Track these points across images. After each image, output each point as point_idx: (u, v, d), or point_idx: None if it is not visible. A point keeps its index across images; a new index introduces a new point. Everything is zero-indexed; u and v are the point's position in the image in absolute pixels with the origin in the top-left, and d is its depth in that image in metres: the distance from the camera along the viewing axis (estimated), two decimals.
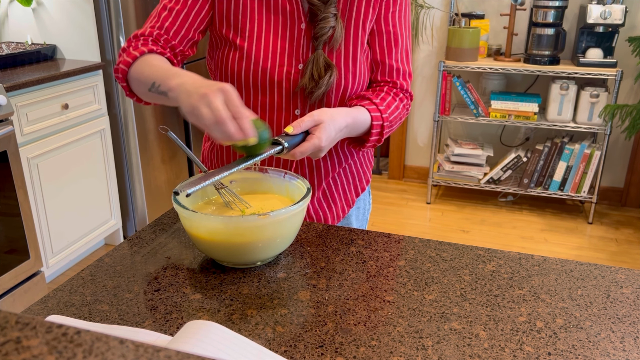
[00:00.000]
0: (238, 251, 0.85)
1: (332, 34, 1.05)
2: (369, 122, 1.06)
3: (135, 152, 2.76)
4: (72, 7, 2.57)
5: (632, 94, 3.29)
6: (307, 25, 1.06)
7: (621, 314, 0.78)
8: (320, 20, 1.04)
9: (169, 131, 0.99)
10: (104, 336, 0.35)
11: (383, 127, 1.08)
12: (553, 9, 3.00)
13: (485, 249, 0.96)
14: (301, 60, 1.07)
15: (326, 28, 1.04)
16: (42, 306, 0.79)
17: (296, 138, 0.94)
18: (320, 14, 1.04)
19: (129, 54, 1.02)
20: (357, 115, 1.04)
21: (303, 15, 1.06)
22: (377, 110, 1.07)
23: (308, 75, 1.05)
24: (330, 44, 1.06)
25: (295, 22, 1.06)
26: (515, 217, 3.29)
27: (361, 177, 1.24)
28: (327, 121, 0.96)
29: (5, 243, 2.14)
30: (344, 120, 1.00)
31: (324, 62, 1.05)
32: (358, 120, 1.04)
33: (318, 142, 0.94)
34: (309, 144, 0.94)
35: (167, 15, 1.05)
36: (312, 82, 1.05)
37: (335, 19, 1.05)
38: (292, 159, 0.95)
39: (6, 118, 2.09)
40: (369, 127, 1.07)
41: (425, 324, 0.75)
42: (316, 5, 1.04)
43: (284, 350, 0.69)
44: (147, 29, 1.06)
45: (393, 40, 1.12)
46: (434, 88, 3.57)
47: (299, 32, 1.06)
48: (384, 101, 1.10)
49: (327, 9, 1.04)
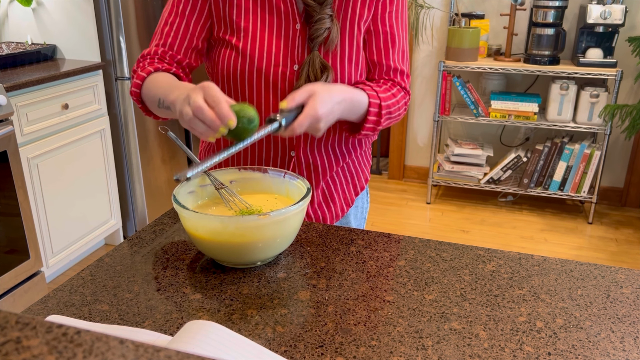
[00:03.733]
0: (238, 251, 0.85)
1: (328, 35, 1.05)
2: (367, 102, 1.05)
3: (135, 152, 2.76)
4: (72, 7, 2.57)
5: (632, 94, 3.29)
6: (302, 26, 1.07)
7: (621, 314, 0.78)
8: (316, 22, 1.04)
9: (168, 131, 0.99)
10: (104, 336, 0.35)
11: (381, 108, 1.07)
12: (553, 9, 3.00)
13: (485, 249, 0.96)
14: (296, 61, 1.07)
15: (322, 29, 1.04)
16: (42, 306, 0.79)
17: (292, 114, 0.93)
18: (315, 15, 1.04)
19: (138, 75, 1.07)
20: (355, 92, 1.04)
21: (298, 16, 1.06)
22: (373, 90, 1.07)
23: (304, 76, 1.05)
24: (326, 46, 1.06)
25: (290, 22, 1.06)
26: (515, 217, 3.29)
27: (360, 176, 1.24)
28: (321, 91, 0.95)
29: (5, 243, 2.14)
30: (340, 93, 0.99)
31: (319, 64, 1.06)
32: (355, 97, 1.03)
33: (313, 111, 0.92)
34: (304, 115, 0.92)
35: (168, 30, 1.09)
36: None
37: (331, 20, 1.05)
38: (292, 134, 0.93)
39: (6, 118, 2.09)
40: (366, 109, 1.06)
41: (425, 324, 0.75)
42: (311, 7, 1.04)
43: (284, 350, 0.70)
44: (152, 48, 1.11)
45: (390, 40, 1.11)
46: (434, 88, 3.57)
47: (294, 33, 1.06)
48: (380, 88, 1.10)
49: (323, 10, 1.04)
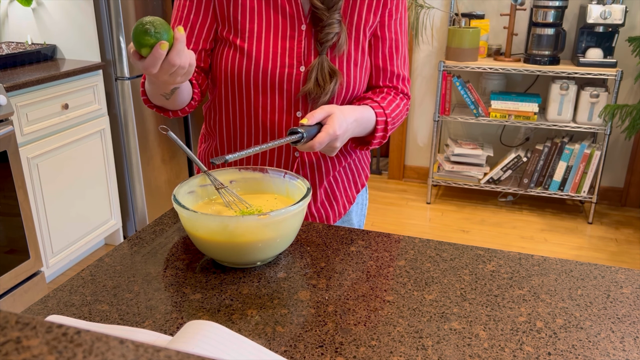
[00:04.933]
0: (238, 251, 0.85)
1: (337, 40, 1.06)
2: (374, 119, 1.09)
3: (135, 152, 2.76)
4: (72, 7, 2.57)
5: (632, 94, 3.29)
6: (307, 27, 1.07)
7: (621, 314, 0.78)
8: (326, 26, 1.04)
9: (168, 131, 0.99)
10: (104, 336, 0.35)
11: (387, 124, 1.11)
12: (553, 9, 3.00)
13: (485, 249, 0.96)
14: (302, 62, 1.07)
15: (332, 34, 1.05)
16: (42, 306, 0.79)
17: (313, 130, 0.98)
18: (325, 19, 1.04)
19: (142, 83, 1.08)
20: (363, 111, 1.08)
21: (303, 17, 1.06)
22: (380, 106, 1.11)
23: (313, 80, 1.06)
24: (334, 50, 1.07)
25: (296, 23, 1.06)
26: (515, 217, 3.29)
27: (360, 174, 1.26)
28: (337, 112, 1.00)
29: (5, 243, 2.14)
30: (352, 114, 1.04)
31: (328, 69, 1.06)
32: (364, 116, 1.07)
33: (333, 131, 0.97)
34: (325, 133, 0.97)
35: None
36: (317, 88, 1.06)
37: (339, 25, 1.05)
38: (311, 150, 0.98)
39: (6, 118, 2.09)
40: (374, 126, 1.10)
41: (425, 324, 0.75)
42: (320, 10, 1.04)
43: (284, 350, 0.70)
44: None
45: (394, 46, 1.14)
46: (434, 88, 3.57)
47: (300, 34, 1.06)
48: (384, 100, 1.13)
49: (332, 14, 1.04)
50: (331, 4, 1.04)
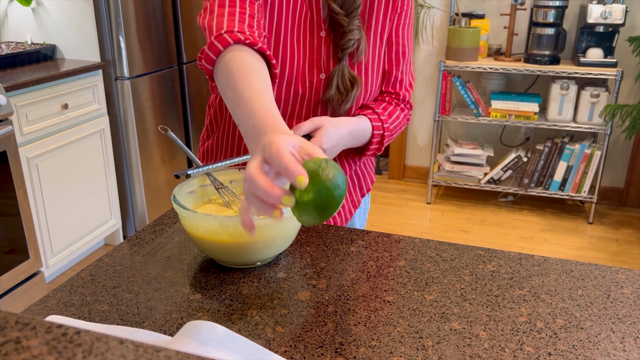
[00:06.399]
0: (238, 251, 0.85)
1: (358, 46, 1.05)
2: (370, 130, 1.07)
3: (135, 152, 2.76)
4: (72, 7, 2.57)
5: (633, 94, 3.29)
6: (326, 33, 1.05)
7: (621, 314, 0.78)
8: (347, 32, 1.03)
9: (168, 131, 0.99)
10: (104, 336, 0.35)
11: (383, 137, 1.09)
12: (553, 8, 3.00)
13: (485, 249, 0.96)
14: (322, 70, 1.05)
15: (352, 40, 1.03)
16: (42, 306, 0.79)
17: None
18: (346, 25, 1.02)
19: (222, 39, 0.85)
20: (358, 122, 1.05)
21: (322, 23, 1.04)
22: (379, 119, 1.08)
23: (334, 87, 1.04)
24: (355, 57, 1.05)
25: (315, 30, 1.04)
26: (515, 217, 3.29)
27: (366, 178, 1.25)
28: (328, 125, 0.96)
29: (5, 243, 2.14)
30: (345, 127, 1.00)
31: (349, 75, 1.05)
32: (359, 127, 1.05)
33: (319, 144, 0.93)
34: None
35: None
36: (339, 95, 1.05)
37: (359, 32, 1.04)
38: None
39: (6, 118, 2.09)
40: (369, 138, 1.08)
41: (426, 324, 0.75)
42: (340, 15, 1.02)
43: (284, 350, 0.69)
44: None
45: (402, 52, 1.13)
46: (434, 88, 3.57)
47: (319, 41, 1.04)
48: (385, 110, 1.11)
49: (352, 20, 1.02)
50: (351, 9, 1.02)
